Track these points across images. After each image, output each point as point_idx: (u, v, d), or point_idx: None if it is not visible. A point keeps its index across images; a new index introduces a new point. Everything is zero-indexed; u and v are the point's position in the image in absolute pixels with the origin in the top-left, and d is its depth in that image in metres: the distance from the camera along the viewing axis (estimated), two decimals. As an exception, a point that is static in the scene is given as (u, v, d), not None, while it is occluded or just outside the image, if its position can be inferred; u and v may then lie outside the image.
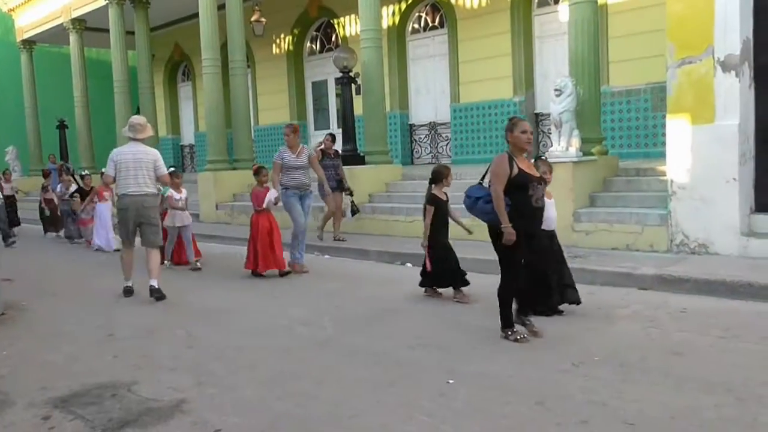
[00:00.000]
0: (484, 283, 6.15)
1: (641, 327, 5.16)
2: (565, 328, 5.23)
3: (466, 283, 6.39)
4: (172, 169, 9.49)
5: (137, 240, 7.26)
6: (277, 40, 17.63)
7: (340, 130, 12.66)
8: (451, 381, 4.12)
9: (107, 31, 16.81)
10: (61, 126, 21.10)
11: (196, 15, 13.87)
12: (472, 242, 6.84)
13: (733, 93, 7.01)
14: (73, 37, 18.56)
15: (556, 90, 8.51)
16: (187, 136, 21.95)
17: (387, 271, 8.22)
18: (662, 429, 3.34)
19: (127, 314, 6.50)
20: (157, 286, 6.94)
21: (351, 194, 10.14)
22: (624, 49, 11.04)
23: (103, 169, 7.57)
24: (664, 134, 7.82)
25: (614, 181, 8.85)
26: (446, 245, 6.52)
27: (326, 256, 9.65)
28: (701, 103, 7.17)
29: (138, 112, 17.95)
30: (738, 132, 6.98)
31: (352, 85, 11.95)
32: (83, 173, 12.97)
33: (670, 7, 7.39)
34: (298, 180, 8.30)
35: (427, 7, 14.61)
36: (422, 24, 14.79)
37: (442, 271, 6.44)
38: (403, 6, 14.68)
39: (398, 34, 14.89)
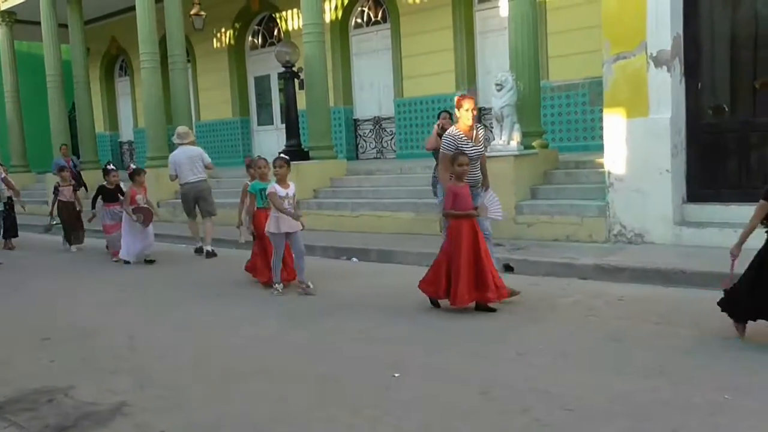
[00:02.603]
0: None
1: (582, 315, 5.30)
2: (509, 319, 5.33)
3: None
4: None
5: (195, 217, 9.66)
6: (218, 35, 17.32)
7: (284, 125, 12.55)
8: (396, 374, 4.15)
9: (39, 23, 16.20)
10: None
11: (133, 8, 13.47)
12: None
13: (666, 87, 7.24)
14: (2, 30, 17.79)
15: (497, 85, 8.63)
16: (126, 133, 21.37)
17: (333, 267, 8.20)
18: (601, 413, 3.44)
19: (64, 317, 6.30)
20: (210, 249, 9.31)
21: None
22: (562, 45, 11.28)
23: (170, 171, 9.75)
24: (601, 128, 8.02)
25: (554, 174, 9.04)
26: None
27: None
28: (636, 97, 7.39)
29: (73, 108, 17.41)
30: (670, 125, 7.22)
31: (295, 80, 11.85)
32: (109, 167, 10.02)
33: (604, 4, 7.58)
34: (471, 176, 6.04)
35: (370, 1, 14.60)
36: (365, 18, 14.77)
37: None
38: (346, 0, 14.62)
39: (341, 29, 14.83)
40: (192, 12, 15.47)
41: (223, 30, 17.19)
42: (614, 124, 7.54)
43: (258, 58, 17.00)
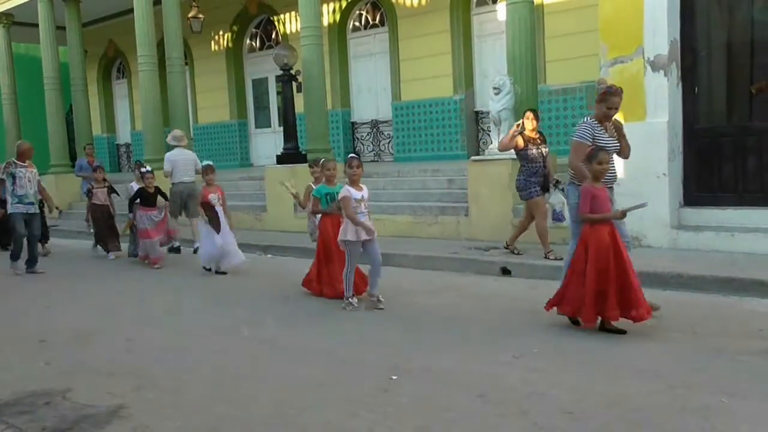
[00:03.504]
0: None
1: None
2: (506, 322, 5.34)
3: None
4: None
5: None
6: (216, 37, 17.32)
7: (282, 128, 12.55)
8: (394, 377, 4.15)
9: (36, 25, 16.18)
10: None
11: (131, 10, 13.49)
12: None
13: (662, 92, 7.28)
14: (-1, 32, 17.78)
15: (494, 88, 8.66)
16: (123, 135, 21.33)
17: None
18: (598, 416, 3.45)
19: (60, 319, 6.29)
20: (178, 245, 9.82)
21: (560, 188, 7.25)
22: (560, 49, 11.31)
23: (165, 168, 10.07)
24: (598, 131, 8.05)
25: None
26: None
27: (269, 256, 9.57)
28: (633, 101, 7.40)
29: (70, 110, 17.38)
30: (667, 129, 7.25)
31: (293, 82, 11.85)
32: (144, 169, 9.63)
33: (602, 9, 7.62)
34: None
35: (368, 5, 14.62)
36: (363, 22, 14.79)
37: None
38: (344, 3, 14.65)
39: (339, 32, 14.85)
40: (190, 15, 15.47)
41: (220, 33, 17.20)
42: (611, 128, 7.56)
43: (256, 61, 17.01)
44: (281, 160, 11.57)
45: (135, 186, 9.81)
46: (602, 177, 5.06)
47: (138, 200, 9.26)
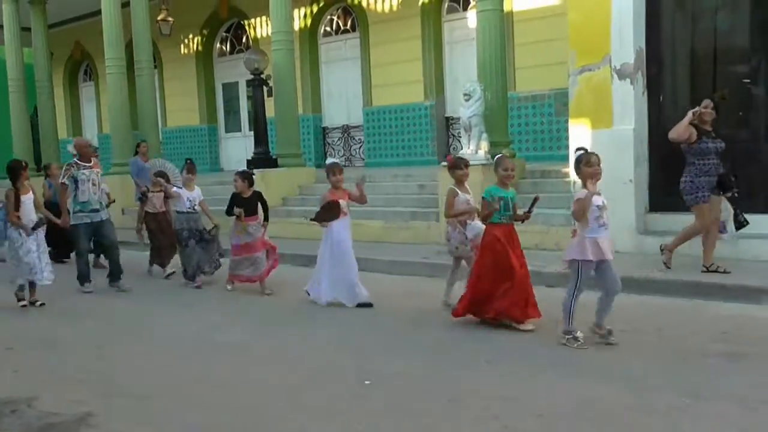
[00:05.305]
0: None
1: (548, 323, 5.36)
2: (478, 327, 5.38)
3: None
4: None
5: None
6: (186, 41, 17.16)
7: (252, 132, 12.49)
8: (367, 382, 4.16)
9: (1, 27, 15.87)
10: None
11: (99, 12, 13.28)
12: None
13: (629, 100, 7.42)
14: (-39, 33, 17.40)
15: (465, 95, 8.74)
16: (90, 138, 21.00)
17: (301, 275, 8.15)
18: (568, 418, 3.50)
19: (29, 326, 6.16)
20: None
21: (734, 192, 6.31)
22: (529, 56, 11.45)
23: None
24: (567, 138, 8.16)
25: (521, 183, 9.14)
26: None
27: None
28: (600, 108, 7.55)
29: (35, 112, 17.05)
30: (633, 136, 7.39)
31: (264, 87, 11.81)
32: (247, 170, 8.07)
33: (571, 17, 7.75)
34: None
35: (339, 10, 14.64)
36: (334, 27, 14.80)
37: None
38: (315, 9, 14.64)
39: (310, 37, 14.83)
40: (159, 17, 15.29)
41: (190, 36, 17.04)
42: (579, 134, 7.68)
43: (226, 65, 16.89)
44: (252, 164, 11.51)
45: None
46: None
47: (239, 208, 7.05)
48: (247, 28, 16.04)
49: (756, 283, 5.83)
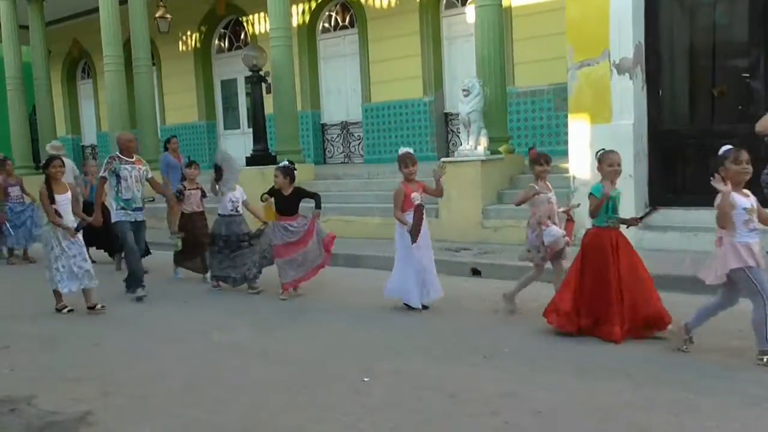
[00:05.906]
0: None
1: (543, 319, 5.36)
2: (476, 323, 5.38)
3: None
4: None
5: None
6: (184, 38, 17.12)
7: (251, 129, 12.47)
8: (366, 379, 4.15)
9: (-2, 24, 15.85)
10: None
11: (97, 9, 13.25)
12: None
13: (628, 94, 7.40)
14: (-41, 31, 17.35)
15: (464, 90, 8.72)
16: (89, 136, 20.96)
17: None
18: (568, 415, 3.49)
19: (26, 325, 6.15)
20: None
21: None
22: (528, 51, 11.42)
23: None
24: (566, 133, 8.16)
25: (521, 179, 9.14)
26: None
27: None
28: (599, 103, 7.53)
29: (33, 111, 17.03)
30: (633, 131, 7.38)
31: (263, 84, 11.79)
32: (287, 163, 6.95)
33: (569, 12, 7.72)
34: None
35: (337, 6, 14.60)
36: (333, 23, 14.77)
37: None
38: (313, 5, 14.60)
39: (309, 33, 14.79)
40: (157, 14, 15.26)
41: (188, 33, 17.00)
42: (578, 129, 7.68)
43: (224, 62, 16.85)
44: (251, 161, 11.49)
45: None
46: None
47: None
48: (245, 24, 16.00)
49: None
